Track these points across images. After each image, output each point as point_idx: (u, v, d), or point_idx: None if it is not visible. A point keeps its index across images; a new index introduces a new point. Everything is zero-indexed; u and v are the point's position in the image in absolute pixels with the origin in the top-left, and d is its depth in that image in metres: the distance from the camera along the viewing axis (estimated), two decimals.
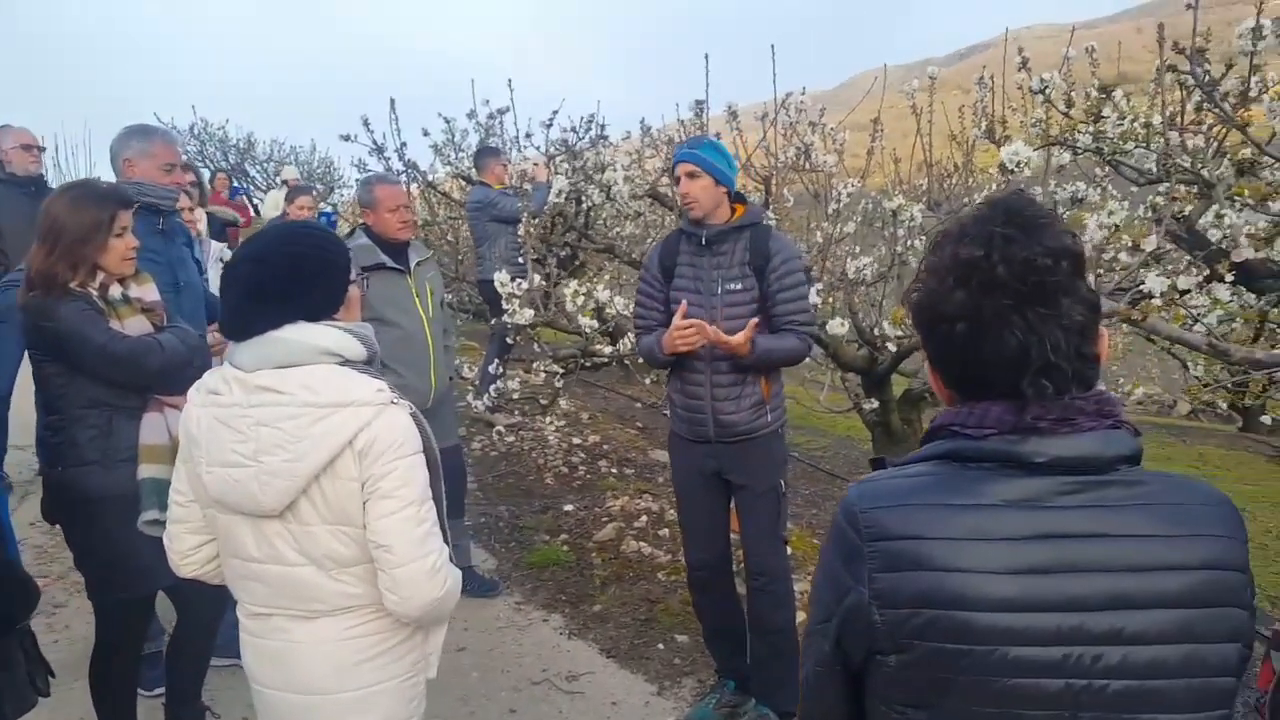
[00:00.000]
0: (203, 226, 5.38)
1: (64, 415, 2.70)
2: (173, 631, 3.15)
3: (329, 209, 6.53)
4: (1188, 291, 3.19)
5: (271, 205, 9.22)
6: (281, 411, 1.82)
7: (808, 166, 6.14)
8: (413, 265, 4.06)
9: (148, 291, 2.85)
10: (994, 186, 6.01)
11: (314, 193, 7.11)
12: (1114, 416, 1.16)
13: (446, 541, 2.02)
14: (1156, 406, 3.73)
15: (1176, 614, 1.10)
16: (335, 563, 1.89)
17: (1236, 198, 2.42)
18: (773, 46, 5.25)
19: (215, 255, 5.47)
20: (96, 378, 2.67)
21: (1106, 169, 4.54)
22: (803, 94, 6.19)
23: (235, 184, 12.05)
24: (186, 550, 2.06)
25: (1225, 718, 1.13)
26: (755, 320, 3.05)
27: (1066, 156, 4.09)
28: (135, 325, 2.72)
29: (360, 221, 4.04)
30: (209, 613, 3.02)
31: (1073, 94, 3.98)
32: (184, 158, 3.69)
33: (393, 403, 1.87)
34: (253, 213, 18.15)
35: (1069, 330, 1.12)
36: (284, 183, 8.23)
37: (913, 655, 1.14)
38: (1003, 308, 1.13)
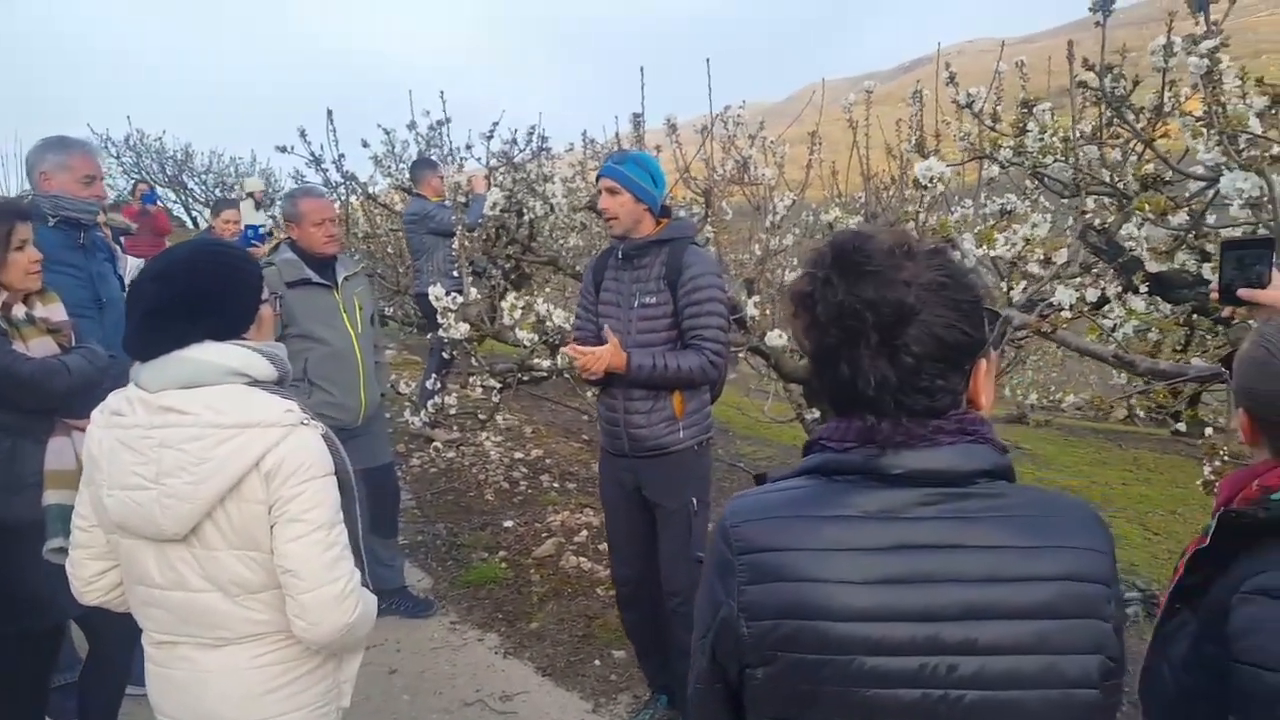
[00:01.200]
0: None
1: None
2: (85, 662, 3.04)
3: (259, 223, 6.38)
4: (1106, 304, 3.26)
5: (245, 217, 8.96)
6: (185, 433, 1.77)
7: (747, 179, 6.18)
8: (340, 280, 3.99)
9: (54, 311, 2.75)
10: (925, 200, 6.10)
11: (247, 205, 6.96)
12: (976, 434, 1.16)
13: (361, 566, 1.98)
14: (1095, 412, 3.80)
15: (1033, 625, 1.11)
16: (242, 588, 1.84)
17: (1137, 212, 2.48)
18: (708, 61, 5.28)
19: (134, 270, 5.32)
20: None
21: (1037, 182, 4.63)
22: (741, 106, 6.24)
23: (152, 190, 11.74)
24: (89, 577, 1.99)
25: None
26: (616, 338, 3.06)
27: (997, 169, 4.16)
28: (40, 346, 2.63)
29: (285, 236, 3.96)
30: (121, 642, 2.91)
31: (999, 108, 4.06)
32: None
33: (303, 423, 1.82)
34: (191, 224, 17.80)
35: (901, 368, 1.13)
36: (249, 195, 7.99)
37: (777, 667, 1.14)
38: (828, 345, 1.16)
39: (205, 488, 1.75)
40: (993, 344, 1.24)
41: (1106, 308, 3.29)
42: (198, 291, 1.82)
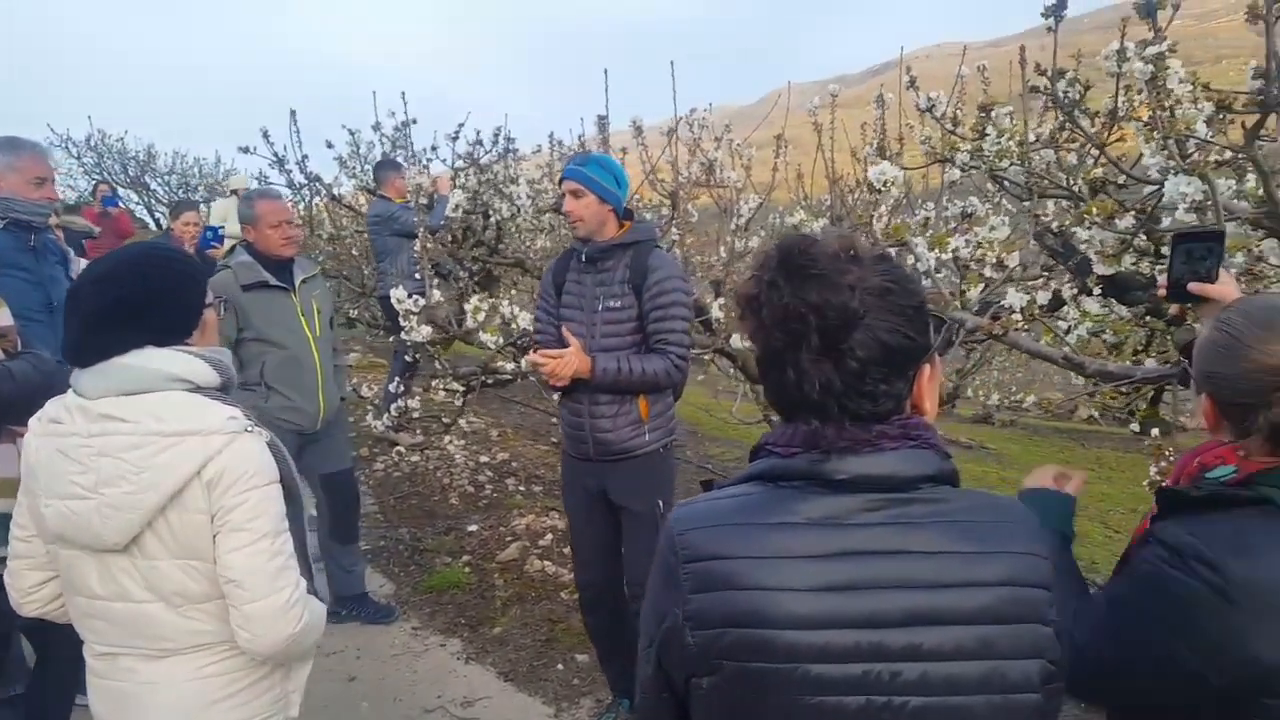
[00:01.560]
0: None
1: None
2: (33, 673, 2.97)
3: (219, 224, 6.30)
4: (1062, 305, 3.30)
5: (219, 216, 8.82)
6: (125, 441, 1.74)
7: (712, 182, 6.20)
8: (298, 282, 3.94)
9: None
10: (891, 202, 6.14)
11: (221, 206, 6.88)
12: (919, 439, 1.17)
13: (308, 575, 1.95)
14: (1043, 413, 3.84)
15: (975, 630, 1.11)
16: (185, 599, 1.81)
17: (1086, 216, 2.51)
18: (672, 64, 5.28)
19: None
20: None
21: (998, 185, 4.67)
22: (708, 109, 6.26)
23: (113, 192, 11.55)
24: (28, 588, 1.95)
25: None
26: (578, 341, 3.06)
27: (959, 173, 4.19)
28: None
29: (242, 238, 3.91)
30: (69, 652, 2.85)
31: (959, 111, 4.08)
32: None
33: (246, 431, 1.79)
34: (154, 226, 17.53)
35: (845, 372, 1.13)
36: (233, 192, 7.85)
37: (723, 676, 1.13)
38: (774, 348, 1.15)
39: (145, 497, 1.72)
40: (938, 349, 1.25)
41: (1063, 310, 3.32)
42: (139, 296, 1.78)
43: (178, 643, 1.83)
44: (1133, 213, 2.42)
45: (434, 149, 6.90)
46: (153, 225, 18.49)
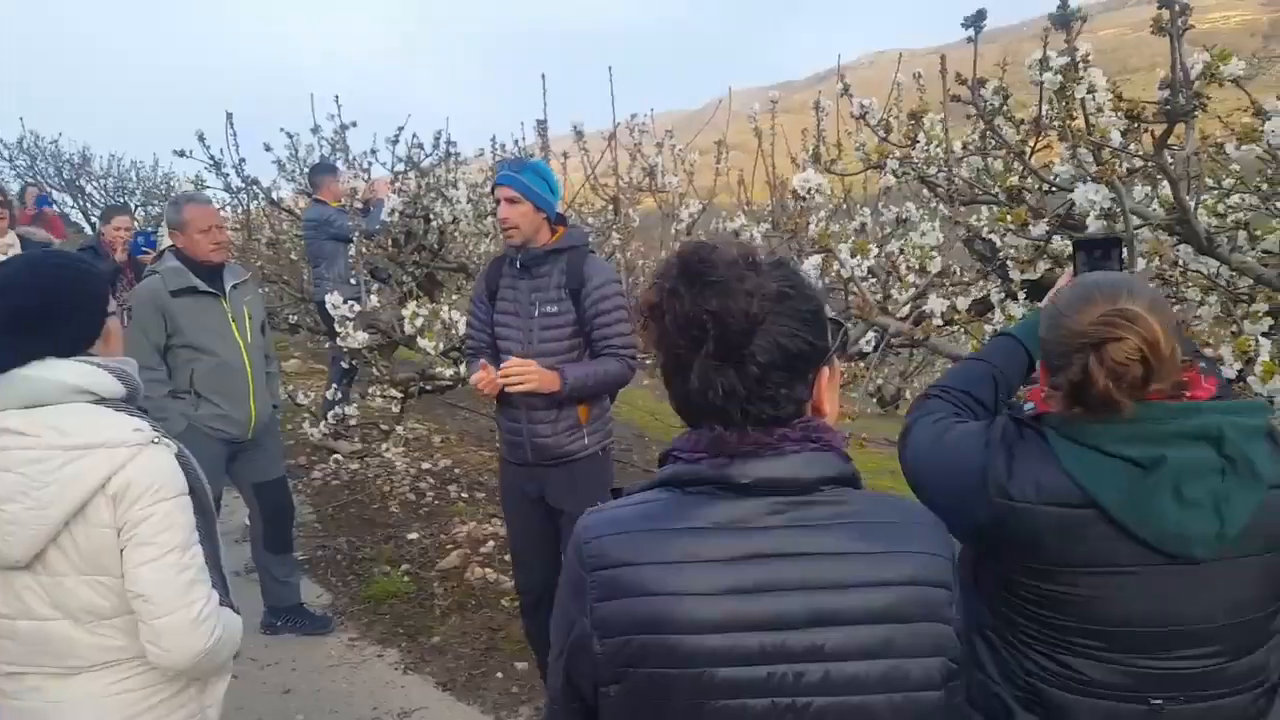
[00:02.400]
0: (15, 252, 5.00)
1: None
2: None
3: (150, 229, 6.18)
4: (991, 309, 3.36)
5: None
6: (26, 455, 1.70)
7: (655, 186, 6.22)
8: (228, 288, 3.87)
9: None
10: (830, 208, 6.21)
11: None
12: (820, 441, 1.18)
13: (223, 588, 1.92)
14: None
15: (877, 630, 1.13)
16: (93, 615, 1.77)
17: (1000, 223, 2.56)
18: (610, 68, 5.30)
19: None
20: None
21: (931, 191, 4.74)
22: (649, 114, 6.28)
23: (44, 195, 11.24)
24: None
25: None
26: (531, 363, 3.04)
27: (893, 179, 4.25)
28: None
29: (170, 244, 3.83)
30: None
31: (891, 118, 4.14)
32: None
33: (153, 442, 1.76)
34: (90, 230, 17.08)
35: (747, 377, 1.14)
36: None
37: (630, 683, 1.14)
38: (677, 355, 1.16)
39: (48, 512, 1.68)
40: (836, 353, 1.26)
41: (991, 313, 3.39)
42: (37, 305, 1.74)
43: (87, 659, 1.79)
44: (1045, 220, 2.47)
45: (374, 152, 6.82)
46: (88, 229, 18.03)
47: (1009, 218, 2.48)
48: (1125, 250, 1.96)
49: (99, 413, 1.75)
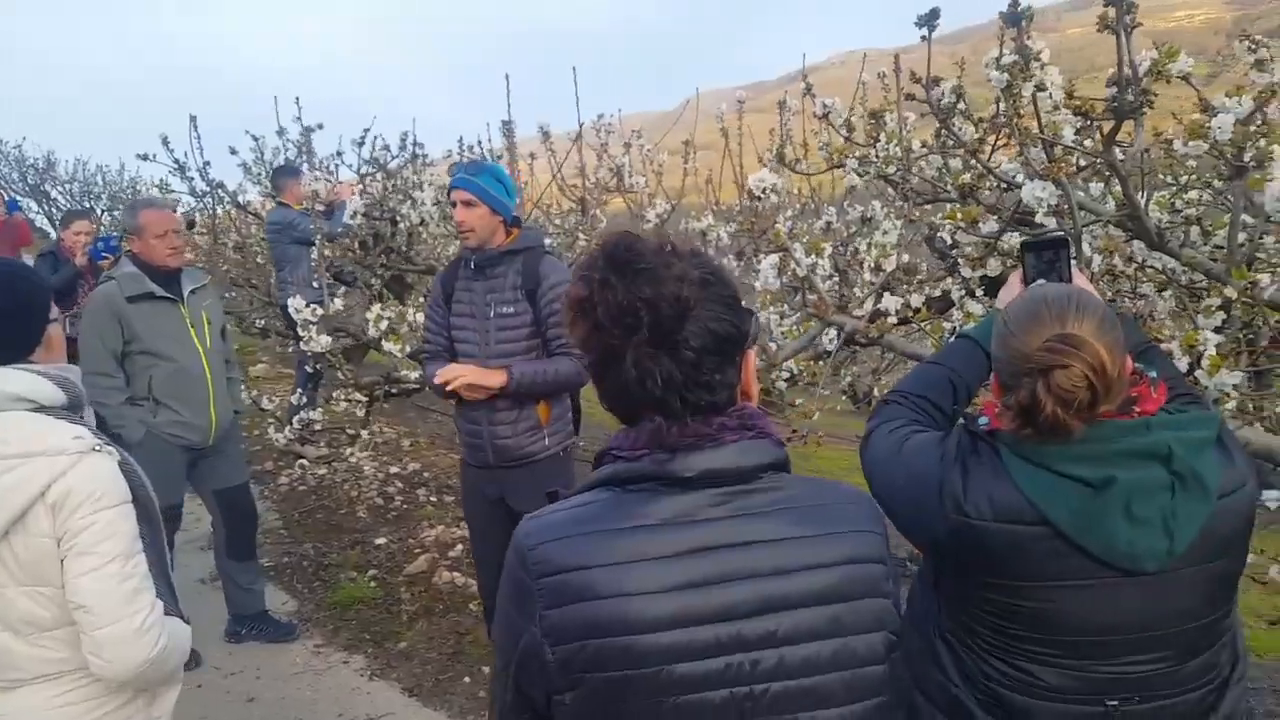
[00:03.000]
0: None
1: None
2: None
3: (116, 234, 6.09)
4: (951, 306, 3.37)
5: None
6: None
7: (622, 187, 6.20)
8: (186, 294, 3.82)
9: None
10: (798, 207, 6.22)
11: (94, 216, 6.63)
12: (756, 429, 1.19)
13: (170, 596, 1.89)
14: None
15: (824, 610, 1.15)
16: (34, 627, 1.74)
17: (948, 222, 2.58)
18: (574, 69, 5.27)
19: None
20: None
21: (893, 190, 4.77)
22: (616, 114, 6.26)
23: (12, 199, 11.02)
24: None
25: (883, 705, 1.18)
26: (471, 368, 3.07)
27: (856, 178, 4.27)
28: None
29: (127, 249, 3.78)
30: None
31: (853, 118, 4.15)
32: None
33: (94, 450, 1.73)
34: (54, 236, 16.81)
35: (683, 363, 1.14)
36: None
37: (586, 689, 1.12)
38: (611, 345, 1.16)
39: None
40: (754, 338, 1.27)
41: (950, 311, 3.40)
42: None
43: (28, 672, 1.76)
44: (995, 217, 2.49)
45: (339, 154, 6.77)
46: (54, 235, 17.77)
47: (959, 215, 2.49)
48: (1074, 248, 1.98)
49: (39, 420, 1.72)
